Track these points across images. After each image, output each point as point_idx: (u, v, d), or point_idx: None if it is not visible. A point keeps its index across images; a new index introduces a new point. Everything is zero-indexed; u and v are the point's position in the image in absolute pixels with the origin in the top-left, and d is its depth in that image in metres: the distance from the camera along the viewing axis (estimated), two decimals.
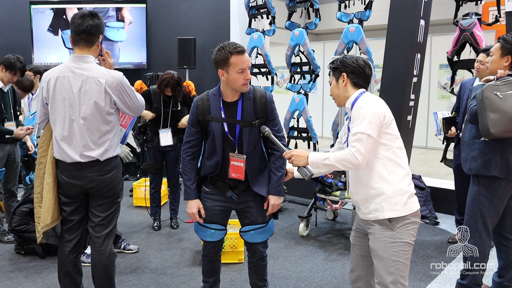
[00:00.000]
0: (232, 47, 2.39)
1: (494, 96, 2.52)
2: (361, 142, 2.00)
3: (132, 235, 4.31)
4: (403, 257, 2.07)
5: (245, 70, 2.42)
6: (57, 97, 2.41)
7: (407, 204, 2.08)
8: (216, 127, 2.50)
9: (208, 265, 2.75)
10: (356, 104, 2.10)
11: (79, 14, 2.44)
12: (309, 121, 5.52)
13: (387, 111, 2.10)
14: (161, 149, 4.31)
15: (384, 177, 2.08)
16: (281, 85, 10.38)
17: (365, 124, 2.02)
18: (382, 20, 6.34)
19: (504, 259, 2.89)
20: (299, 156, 2.19)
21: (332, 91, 2.28)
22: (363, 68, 2.18)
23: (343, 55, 2.23)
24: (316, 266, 3.63)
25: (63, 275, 2.60)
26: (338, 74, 2.22)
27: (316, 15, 5.49)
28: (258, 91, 2.55)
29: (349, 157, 2.01)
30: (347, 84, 2.19)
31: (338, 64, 2.21)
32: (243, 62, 2.39)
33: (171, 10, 6.81)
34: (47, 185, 2.47)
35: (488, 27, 5.24)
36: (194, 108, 2.55)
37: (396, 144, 2.11)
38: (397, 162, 2.09)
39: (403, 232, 2.07)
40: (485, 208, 2.72)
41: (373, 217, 2.12)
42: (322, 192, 4.11)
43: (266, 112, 2.53)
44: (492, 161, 2.66)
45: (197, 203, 2.59)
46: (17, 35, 6.87)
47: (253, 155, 2.56)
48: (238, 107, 2.50)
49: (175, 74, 4.15)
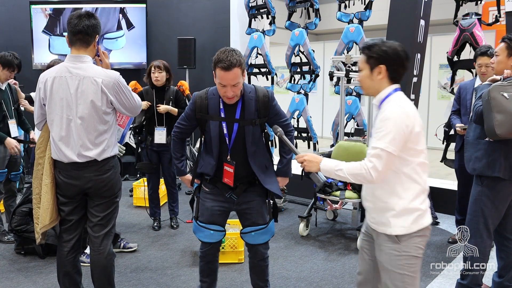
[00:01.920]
0: (220, 59, 2.31)
1: (500, 96, 2.50)
2: (380, 159, 1.84)
3: (132, 235, 4.31)
4: (409, 270, 1.94)
5: (227, 87, 2.35)
6: (54, 97, 2.41)
7: (416, 222, 1.93)
8: (214, 127, 2.49)
9: (206, 265, 2.74)
10: (383, 111, 1.90)
11: (76, 15, 2.45)
12: (309, 121, 5.52)
13: (416, 123, 1.88)
14: (156, 149, 4.31)
15: (397, 193, 1.93)
16: (281, 85, 10.38)
17: (387, 140, 1.83)
18: (382, 20, 6.33)
19: (505, 259, 2.89)
20: (312, 161, 2.03)
21: (362, 80, 2.03)
22: (404, 61, 1.95)
23: (381, 40, 1.96)
24: (316, 266, 3.63)
25: (62, 275, 2.60)
26: (374, 63, 1.95)
27: (316, 15, 5.49)
28: (260, 91, 2.54)
29: (364, 172, 1.87)
30: (383, 78, 1.96)
31: (377, 53, 1.93)
32: (223, 78, 2.33)
33: (171, 10, 6.81)
34: (46, 185, 2.47)
35: (488, 27, 5.24)
36: (192, 104, 2.56)
37: (418, 159, 1.92)
38: (414, 179, 1.92)
39: (409, 245, 1.94)
40: (487, 208, 2.71)
41: (380, 230, 2.00)
42: (322, 192, 4.10)
43: (269, 111, 2.54)
44: (496, 162, 2.64)
45: (190, 176, 2.71)
46: (17, 35, 6.87)
47: (257, 155, 2.56)
48: (237, 107, 2.49)
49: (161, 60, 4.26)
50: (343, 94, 4.68)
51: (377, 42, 1.95)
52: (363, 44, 2.01)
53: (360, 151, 4.22)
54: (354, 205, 4.31)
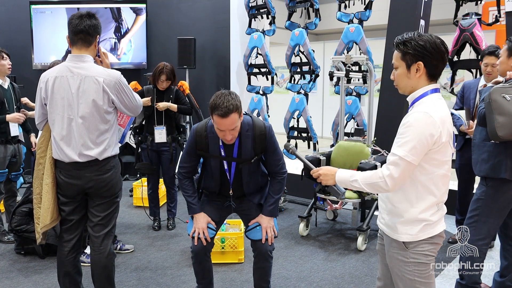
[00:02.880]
0: (216, 106, 2.31)
1: (501, 98, 2.50)
2: (397, 168, 1.74)
3: (132, 235, 4.31)
4: (420, 276, 1.84)
5: (225, 131, 2.36)
6: (56, 97, 2.42)
7: (424, 231, 1.83)
8: (215, 164, 2.56)
9: (199, 266, 2.70)
10: (409, 115, 1.78)
11: (77, 15, 2.46)
12: (309, 121, 5.52)
13: (444, 132, 1.75)
14: (156, 149, 4.31)
15: (410, 201, 1.83)
16: (281, 85, 10.35)
17: (407, 149, 1.72)
18: (382, 20, 6.33)
19: (508, 259, 2.89)
20: (327, 175, 1.96)
21: (397, 79, 1.88)
22: (443, 55, 1.78)
23: (417, 33, 1.80)
24: (316, 266, 3.63)
25: (63, 275, 2.60)
26: (411, 60, 1.79)
27: (316, 15, 5.49)
28: (257, 127, 2.52)
29: (379, 181, 1.78)
30: (422, 76, 1.81)
31: (415, 49, 1.77)
32: (221, 124, 2.35)
33: (171, 10, 6.81)
34: (46, 185, 2.47)
35: (488, 27, 5.23)
36: (192, 141, 2.57)
37: (440, 170, 1.80)
38: (431, 190, 1.81)
39: (417, 252, 1.84)
40: (489, 208, 2.72)
41: (388, 233, 1.93)
42: (322, 192, 4.10)
43: (265, 145, 2.55)
44: (502, 164, 2.64)
45: (205, 217, 2.61)
46: (17, 35, 6.86)
47: (254, 180, 2.65)
48: (235, 146, 2.53)
49: (169, 64, 4.22)
50: (343, 94, 4.68)
51: (412, 36, 1.79)
52: (396, 39, 1.85)
53: (360, 151, 4.22)
54: (354, 205, 4.31)
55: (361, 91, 5.24)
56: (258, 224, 2.62)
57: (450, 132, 1.81)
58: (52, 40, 6.76)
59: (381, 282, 2.12)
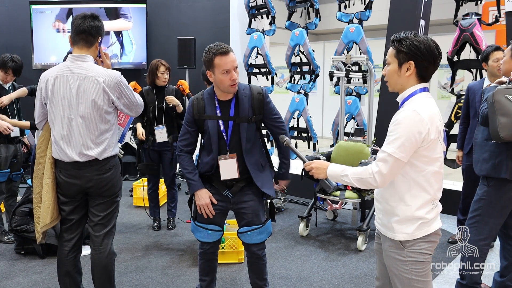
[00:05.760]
0: (216, 48, 2.42)
1: (504, 99, 2.50)
2: (386, 164, 1.79)
3: (132, 235, 4.31)
4: (417, 275, 1.87)
5: (230, 71, 2.43)
6: (56, 96, 2.42)
7: (420, 229, 1.86)
8: (212, 125, 2.55)
9: (206, 263, 2.78)
10: (398, 114, 1.83)
11: (80, 15, 2.47)
12: (309, 121, 5.52)
13: (432, 129, 1.78)
14: (157, 149, 4.31)
15: (404, 199, 1.86)
16: (281, 85, 10.37)
17: (396, 146, 1.76)
18: (382, 20, 6.34)
19: (509, 259, 2.89)
20: (319, 168, 2.01)
21: (388, 75, 1.93)
22: (435, 59, 1.83)
23: (414, 33, 1.85)
24: (316, 266, 3.63)
25: (63, 275, 2.60)
26: (404, 59, 1.84)
27: (316, 15, 5.49)
28: (254, 89, 2.61)
29: (368, 177, 1.82)
30: (411, 75, 1.85)
31: (409, 49, 1.81)
32: (227, 63, 2.41)
33: (171, 10, 6.81)
34: (46, 185, 2.47)
35: (488, 27, 5.24)
36: (190, 108, 2.61)
37: (432, 167, 1.84)
38: (424, 188, 1.84)
39: (414, 251, 1.86)
40: (490, 209, 2.72)
41: (385, 233, 1.96)
42: (322, 192, 4.11)
43: (263, 108, 2.60)
44: (503, 164, 2.65)
45: (207, 192, 2.60)
46: (17, 35, 6.87)
47: (252, 152, 2.61)
48: (231, 105, 2.55)
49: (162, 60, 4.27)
50: (343, 94, 4.68)
51: (409, 36, 1.83)
52: (393, 36, 1.89)
53: (360, 151, 4.22)
54: (354, 205, 4.31)
55: (361, 91, 5.24)
56: (250, 229, 2.62)
57: (440, 129, 1.84)
58: (52, 40, 6.76)
59: (380, 282, 2.14)
